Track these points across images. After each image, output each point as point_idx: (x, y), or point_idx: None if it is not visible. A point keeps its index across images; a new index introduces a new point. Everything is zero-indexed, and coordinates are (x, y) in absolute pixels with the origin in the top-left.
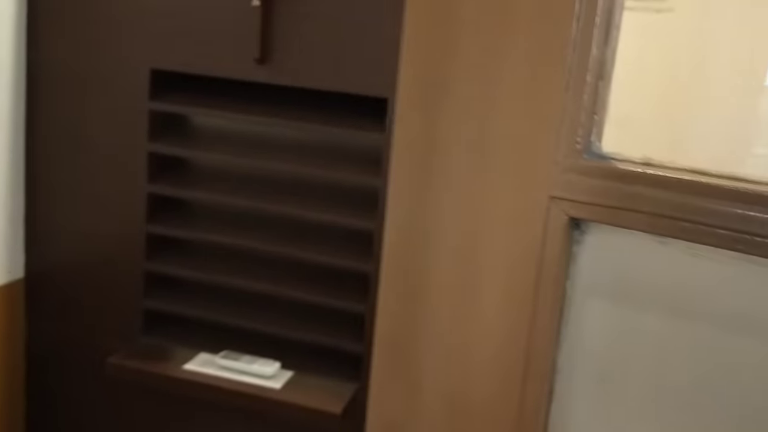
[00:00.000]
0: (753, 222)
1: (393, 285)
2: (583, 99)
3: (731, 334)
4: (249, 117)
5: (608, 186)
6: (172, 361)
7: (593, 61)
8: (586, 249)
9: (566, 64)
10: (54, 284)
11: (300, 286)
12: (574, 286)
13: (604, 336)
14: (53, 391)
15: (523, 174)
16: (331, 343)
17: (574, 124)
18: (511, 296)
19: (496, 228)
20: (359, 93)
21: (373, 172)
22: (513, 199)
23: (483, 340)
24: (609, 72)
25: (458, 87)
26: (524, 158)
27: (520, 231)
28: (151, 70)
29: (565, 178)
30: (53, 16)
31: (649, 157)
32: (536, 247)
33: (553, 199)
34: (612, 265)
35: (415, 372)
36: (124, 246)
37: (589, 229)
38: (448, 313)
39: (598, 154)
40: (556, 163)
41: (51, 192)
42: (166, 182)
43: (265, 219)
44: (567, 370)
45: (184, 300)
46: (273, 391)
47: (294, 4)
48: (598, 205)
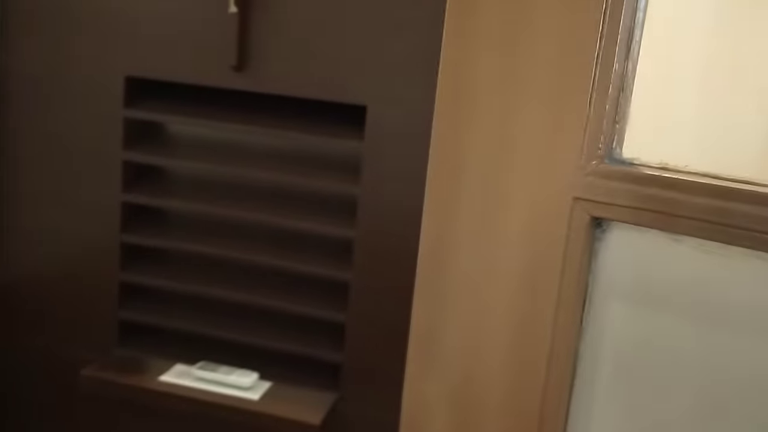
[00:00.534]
0: (760, 220)
1: (427, 280)
2: (605, 110)
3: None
4: (226, 125)
5: (627, 188)
6: (147, 372)
7: (615, 75)
8: (607, 246)
9: (589, 79)
10: (27, 294)
11: (278, 295)
12: (596, 279)
13: (622, 326)
14: (26, 405)
15: (550, 177)
16: (309, 353)
17: (597, 133)
18: (536, 290)
19: (524, 227)
20: (337, 101)
21: (351, 180)
22: (540, 200)
23: (510, 331)
24: (630, 85)
25: (488, 100)
26: (550, 163)
27: (546, 229)
28: (126, 77)
29: (587, 180)
30: (25, 21)
31: (665, 162)
32: (561, 244)
33: (576, 200)
34: (630, 261)
35: (445, 363)
36: (98, 255)
37: (609, 227)
38: (478, 306)
39: (619, 160)
40: (579, 167)
41: (24, 201)
42: (142, 191)
43: (243, 227)
44: (588, 357)
45: (160, 310)
46: (251, 403)
47: (271, 11)
48: (618, 205)
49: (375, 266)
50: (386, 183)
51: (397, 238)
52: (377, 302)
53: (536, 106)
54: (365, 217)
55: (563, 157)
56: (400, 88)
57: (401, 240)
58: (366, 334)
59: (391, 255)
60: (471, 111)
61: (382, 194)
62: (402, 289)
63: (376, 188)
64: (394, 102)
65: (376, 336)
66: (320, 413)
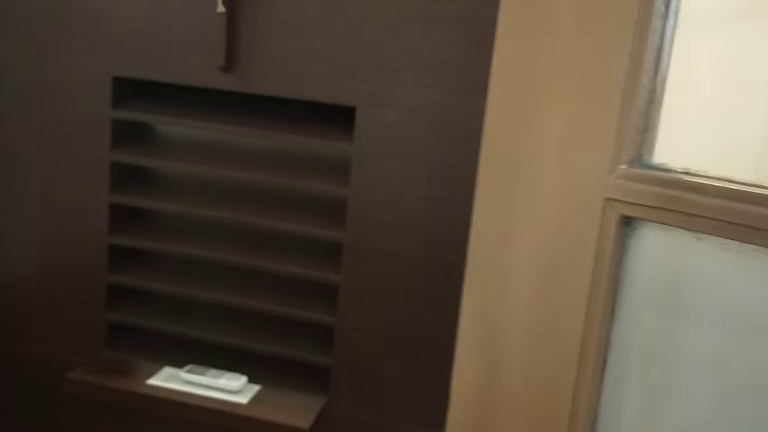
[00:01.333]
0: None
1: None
2: (634, 120)
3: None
4: (214, 125)
5: (654, 190)
6: (135, 375)
7: (644, 89)
8: (636, 243)
9: (621, 92)
10: (13, 296)
11: (267, 297)
12: (626, 274)
13: (650, 316)
14: (12, 408)
15: (583, 179)
16: (298, 356)
17: (627, 141)
18: (571, 283)
19: (559, 223)
20: (326, 102)
21: (340, 182)
22: (574, 199)
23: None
24: (659, 97)
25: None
26: (584, 166)
27: (580, 226)
28: (114, 77)
29: (618, 183)
30: (12, 22)
31: (688, 167)
32: (593, 240)
33: (608, 201)
34: (657, 257)
35: (490, 348)
36: (86, 257)
37: (638, 226)
38: (519, 297)
39: (647, 164)
40: (611, 171)
41: (10, 202)
42: (129, 192)
43: (231, 229)
44: (618, 347)
45: (148, 312)
46: (239, 406)
47: (260, 11)
48: (646, 206)
49: (364, 268)
50: (375, 184)
51: (387, 240)
52: (366, 305)
53: (573, 114)
54: (354, 218)
55: (596, 161)
56: (389, 89)
57: (390, 242)
58: (355, 337)
59: (381, 257)
60: (517, 115)
61: (371, 196)
62: (391, 291)
63: (365, 190)
64: (384, 103)
65: (366, 339)
66: (309, 417)
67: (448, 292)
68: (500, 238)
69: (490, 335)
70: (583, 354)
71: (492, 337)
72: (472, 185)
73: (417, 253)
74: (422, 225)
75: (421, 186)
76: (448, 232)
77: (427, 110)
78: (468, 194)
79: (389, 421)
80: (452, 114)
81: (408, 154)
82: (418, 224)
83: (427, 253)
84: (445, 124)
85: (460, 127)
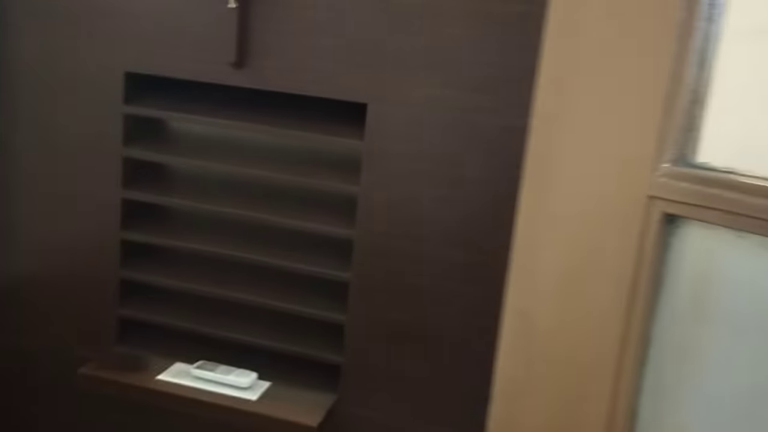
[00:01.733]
0: None
1: (520, 270)
2: (677, 120)
3: None
4: (225, 122)
5: (697, 189)
6: (145, 371)
7: (687, 89)
8: (678, 241)
9: (664, 92)
10: (26, 291)
11: (277, 294)
12: (668, 271)
13: (690, 314)
14: (25, 402)
15: (627, 177)
16: (309, 353)
17: (670, 139)
18: (612, 280)
19: (602, 222)
20: (338, 98)
21: (351, 179)
22: (617, 196)
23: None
24: (703, 97)
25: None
26: (628, 164)
27: (623, 225)
28: (126, 73)
29: (662, 181)
30: (25, 18)
31: (732, 166)
32: (635, 236)
33: (651, 198)
34: (699, 255)
35: (534, 339)
36: (98, 253)
37: (681, 223)
38: (560, 294)
39: (690, 163)
40: (654, 169)
41: (23, 198)
42: (141, 188)
43: (242, 226)
44: (659, 345)
45: (160, 308)
46: (248, 403)
47: (271, 7)
48: (689, 204)
49: (374, 266)
50: (386, 182)
51: (397, 239)
52: (377, 303)
53: (616, 113)
54: (365, 216)
55: (639, 160)
56: (401, 85)
57: (401, 240)
58: (365, 335)
59: (391, 255)
60: (561, 114)
61: (382, 194)
62: (402, 290)
63: (376, 187)
64: (395, 100)
65: (376, 337)
66: (318, 415)
67: (458, 291)
68: (543, 236)
69: (531, 331)
70: (622, 352)
71: (533, 333)
72: (485, 184)
73: (427, 253)
74: (433, 224)
75: (433, 184)
76: (459, 232)
77: (440, 107)
78: (480, 193)
79: (398, 420)
80: (465, 111)
81: (420, 151)
82: (430, 223)
83: (437, 253)
84: (458, 121)
85: (474, 125)
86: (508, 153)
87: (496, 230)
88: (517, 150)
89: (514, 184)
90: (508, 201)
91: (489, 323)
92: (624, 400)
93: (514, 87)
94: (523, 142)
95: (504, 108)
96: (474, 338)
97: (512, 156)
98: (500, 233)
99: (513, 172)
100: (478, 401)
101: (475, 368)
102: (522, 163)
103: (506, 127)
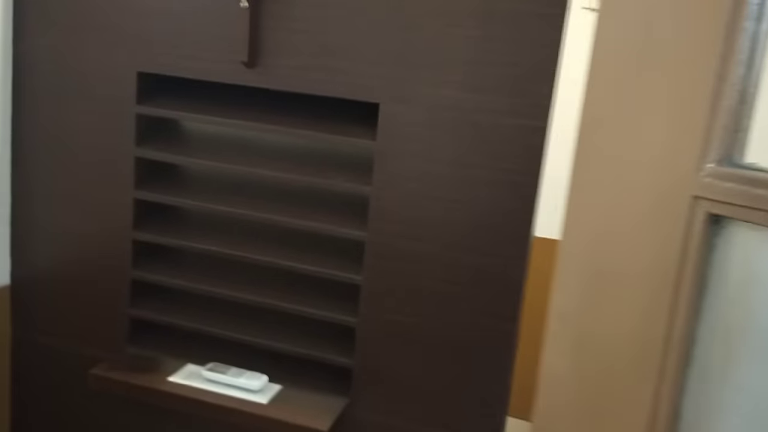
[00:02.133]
0: None
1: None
2: (723, 120)
3: None
4: (237, 122)
5: (742, 189)
6: (156, 372)
7: (734, 90)
8: (723, 241)
9: (711, 92)
10: (39, 291)
11: (289, 296)
12: (712, 271)
13: (734, 315)
14: (36, 401)
15: (672, 177)
16: (320, 356)
17: (716, 139)
18: (656, 280)
19: (646, 219)
20: (350, 98)
21: (363, 180)
22: (661, 196)
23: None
24: (751, 98)
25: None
26: (673, 164)
27: (667, 223)
28: (138, 73)
29: (706, 181)
30: (38, 18)
31: None
32: (680, 237)
33: (695, 198)
34: (744, 255)
35: (577, 339)
36: (110, 253)
37: (725, 224)
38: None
39: (736, 164)
40: (699, 169)
41: (37, 197)
42: (154, 188)
43: (254, 226)
44: (703, 345)
45: (172, 309)
46: (259, 406)
47: (283, 6)
48: (734, 204)
49: (386, 269)
50: (398, 183)
51: (409, 241)
52: (388, 306)
53: (663, 112)
54: (376, 217)
55: (684, 159)
56: (413, 85)
57: (413, 242)
58: (377, 338)
59: (403, 258)
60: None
61: (394, 194)
62: (414, 293)
63: (388, 188)
64: (408, 100)
65: (388, 340)
66: (329, 419)
67: (471, 293)
68: (588, 236)
69: (574, 332)
70: (665, 353)
71: (577, 331)
72: (498, 185)
73: (440, 255)
74: (446, 225)
75: (445, 186)
76: (471, 234)
77: (453, 107)
78: (493, 194)
79: (411, 425)
80: (479, 112)
81: (432, 152)
82: (442, 224)
83: (450, 255)
84: (472, 121)
85: (487, 125)
86: (521, 154)
87: (508, 232)
88: (531, 151)
89: (527, 185)
90: (521, 202)
91: (503, 326)
92: (667, 402)
93: (528, 87)
94: (536, 143)
95: (518, 108)
96: (488, 341)
97: (525, 157)
98: (512, 235)
99: (526, 173)
100: (492, 405)
101: (489, 372)
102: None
103: (520, 127)
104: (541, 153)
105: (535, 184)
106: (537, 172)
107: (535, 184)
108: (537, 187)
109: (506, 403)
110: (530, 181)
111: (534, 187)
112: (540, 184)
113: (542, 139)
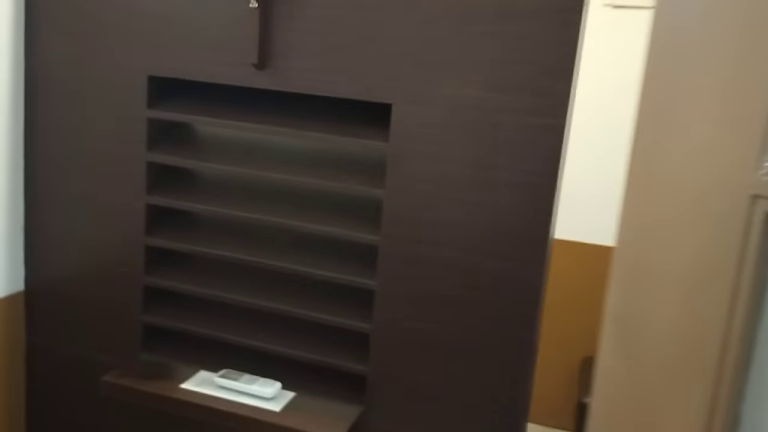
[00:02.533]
0: None
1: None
2: None
3: None
4: (248, 125)
5: None
6: (169, 379)
7: None
8: None
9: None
10: (51, 298)
11: (303, 302)
12: None
13: None
14: (49, 407)
15: (730, 177)
16: (334, 363)
17: None
18: (714, 281)
19: (704, 222)
20: (362, 99)
21: (376, 183)
22: (719, 196)
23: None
24: None
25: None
26: (731, 163)
27: (727, 223)
28: (149, 76)
29: (766, 180)
30: (50, 22)
31: None
32: (738, 236)
33: (755, 198)
34: None
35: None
36: (123, 259)
37: None
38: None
39: None
40: (759, 168)
41: (50, 203)
42: (166, 193)
43: (267, 231)
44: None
45: (185, 315)
46: (272, 414)
47: (293, 6)
48: None
49: (400, 274)
50: (412, 186)
51: (424, 245)
52: (403, 312)
53: (720, 110)
54: (390, 221)
55: (743, 158)
56: (427, 86)
57: (428, 247)
58: (391, 345)
59: (417, 262)
60: (663, 112)
61: (407, 198)
62: (429, 298)
63: (401, 191)
64: (421, 101)
65: (402, 346)
66: (343, 428)
67: (488, 299)
68: (644, 238)
69: (630, 331)
70: (723, 355)
71: (632, 332)
72: (514, 187)
73: (458, 260)
74: (461, 229)
75: (461, 188)
76: (487, 237)
77: (467, 107)
78: (509, 197)
79: None
80: (493, 111)
81: (446, 153)
82: (457, 228)
83: (469, 260)
84: (487, 121)
85: (502, 125)
86: (538, 155)
87: (525, 236)
88: (550, 151)
89: (546, 186)
90: (538, 205)
91: (522, 332)
92: (724, 406)
93: (543, 86)
94: (555, 143)
95: (533, 108)
96: (507, 348)
97: (545, 158)
98: (532, 238)
99: (545, 174)
100: (512, 414)
101: (507, 379)
102: (559, 164)
103: (540, 127)
104: (559, 153)
105: (554, 185)
106: (555, 172)
107: (554, 185)
108: (556, 188)
109: (526, 410)
110: (549, 182)
111: (552, 189)
112: (559, 185)
113: (561, 139)
